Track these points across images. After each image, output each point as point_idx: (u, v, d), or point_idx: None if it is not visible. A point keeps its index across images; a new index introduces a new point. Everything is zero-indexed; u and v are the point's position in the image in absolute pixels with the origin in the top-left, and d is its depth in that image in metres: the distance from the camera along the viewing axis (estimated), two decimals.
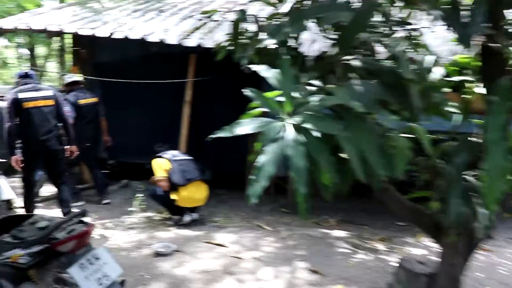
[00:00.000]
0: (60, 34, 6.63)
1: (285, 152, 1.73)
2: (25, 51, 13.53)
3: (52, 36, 7.11)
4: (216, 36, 5.73)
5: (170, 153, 5.11)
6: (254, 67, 2.05)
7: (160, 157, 5.06)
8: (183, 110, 6.39)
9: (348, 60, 1.99)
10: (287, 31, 1.82)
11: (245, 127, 1.75)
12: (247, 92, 1.88)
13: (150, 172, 5.24)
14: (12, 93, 4.68)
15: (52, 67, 14.89)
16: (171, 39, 5.67)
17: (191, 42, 5.65)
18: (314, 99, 1.82)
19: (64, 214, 5.07)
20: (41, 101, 4.67)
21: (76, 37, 7.25)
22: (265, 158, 1.74)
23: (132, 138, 7.10)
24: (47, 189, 6.50)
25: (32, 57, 13.00)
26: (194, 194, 5.01)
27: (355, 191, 2.72)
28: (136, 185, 7.06)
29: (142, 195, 5.67)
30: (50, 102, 4.73)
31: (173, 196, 4.95)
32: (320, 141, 1.76)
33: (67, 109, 5.12)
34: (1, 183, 5.33)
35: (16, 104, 4.54)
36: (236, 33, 3.00)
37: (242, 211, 5.87)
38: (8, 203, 5.53)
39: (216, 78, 6.30)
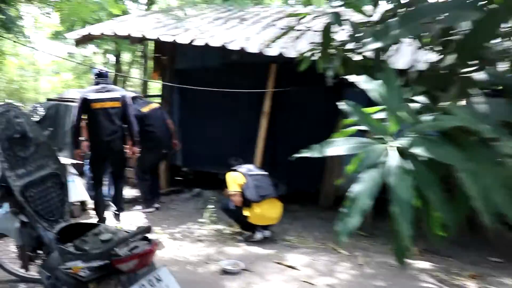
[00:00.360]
0: (142, 40, 6.73)
1: (386, 181, 1.40)
2: (111, 57, 14.23)
3: (135, 42, 7.25)
4: (299, 46, 5.47)
5: (245, 167, 4.91)
6: (352, 78, 1.71)
7: (234, 170, 4.87)
8: (261, 121, 6.19)
9: (468, 72, 1.61)
10: (397, 34, 1.48)
11: (338, 147, 1.44)
12: (342, 105, 1.56)
13: (224, 183, 5.08)
14: (83, 93, 4.89)
15: (135, 73, 15.52)
16: (252, 48, 5.49)
17: (273, 51, 5.43)
18: (426, 118, 1.46)
19: (116, 213, 5.16)
20: (108, 102, 4.78)
21: (158, 43, 7.37)
22: (361, 188, 1.42)
23: (207, 147, 7.03)
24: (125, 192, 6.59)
25: (117, 63, 13.63)
26: (268, 212, 4.75)
27: None
28: (208, 195, 6.95)
29: (214, 206, 5.51)
30: (117, 104, 4.81)
31: (245, 212, 4.72)
32: (431, 170, 1.41)
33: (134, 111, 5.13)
34: (76, 184, 5.43)
35: (85, 103, 4.71)
36: (326, 39, 2.68)
37: (316, 231, 5.51)
38: (82, 204, 5.63)
39: (297, 90, 6.03)
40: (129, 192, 6.93)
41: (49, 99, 8.59)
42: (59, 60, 18.34)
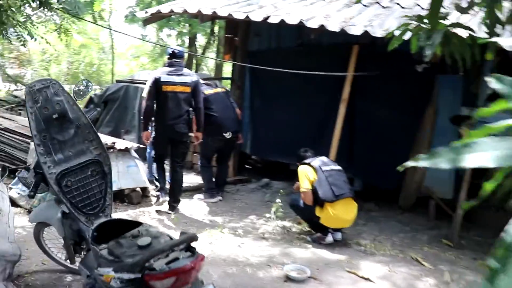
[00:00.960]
0: (213, 18, 6.35)
1: None
2: (186, 40, 14.13)
3: (206, 20, 6.90)
4: (386, 23, 4.76)
5: (319, 161, 4.33)
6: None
7: (307, 164, 4.31)
8: (338, 109, 5.55)
9: None
10: None
11: (483, 154, 0.85)
12: (493, 82, 0.94)
13: (294, 175, 4.58)
14: (155, 73, 4.81)
15: (210, 56, 15.36)
16: (333, 26, 4.86)
17: (356, 29, 4.77)
18: None
19: (172, 205, 4.89)
20: (179, 86, 4.69)
21: (230, 23, 6.94)
22: None
23: (278, 134, 6.53)
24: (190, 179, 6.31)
25: (192, 46, 13.46)
26: (342, 213, 4.16)
27: None
28: (277, 186, 6.48)
29: (281, 201, 5.01)
30: (187, 89, 4.72)
31: (317, 213, 4.17)
32: None
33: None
34: (138, 169, 5.19)
35: (157, 84, 4.63)
36: (435, 7, 2.04)
37: (395, 236, 4.83)
38: (143, 190, 5.38)
39: (380, 75, 5.31)
40: (193, 179, 6.64)
41: (118, 81, 8.53)
42: (137, 44, 18.74)
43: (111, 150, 4.95)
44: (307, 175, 4.20)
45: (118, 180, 4.99)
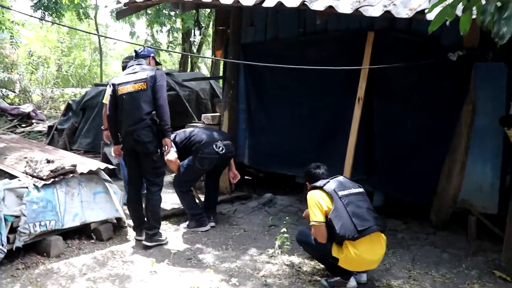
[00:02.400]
0: (198, 6, 5.34)
1: None
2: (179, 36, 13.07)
3: (188, 10, 5.86)
4: (413, 1, 3.72)
5: (335, 182, 3.27)
6: None
7: (319, 188, 3.27)
8: (352, 110, 4.54)
9: None
10: None
11: None
12: None
13: (302, 187, 3.58)
14: (112, 80, 4.16)
15: (208, 55, 14.25)
16: (344, 7, 3.83)
17: (374, 10, 3.73)
18: None
19: (148, 233, 4.00)
20: (132, 85, 3.91)
21: (220, 13, 5.95)
22: None
23: (280, 141, 5.51)
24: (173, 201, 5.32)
25: (185, 43, 12.40)
26: (367, 253, 3.12)
27: None
28: (282, 203, 5.48)
29: (287, 229, 4.00)
30: (143, 86, 3.89)
31: (334, 253, 3.15)
32: None
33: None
34: (107, 196, 4.21)
35: (113, 90, 4.01)
36: None
37: (433, 268, 3.81)
38: (118, 221, 4.40)
39: (403, 67, 4.28)
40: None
41: (97, 84, 7.55)
42: (126, 44, 17.70)
43: (70, 175, 3.95)
44: (319, 203, 3.17)
45: (82, 212, 4.00)
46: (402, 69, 4.40)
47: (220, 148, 4.45)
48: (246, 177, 6.61)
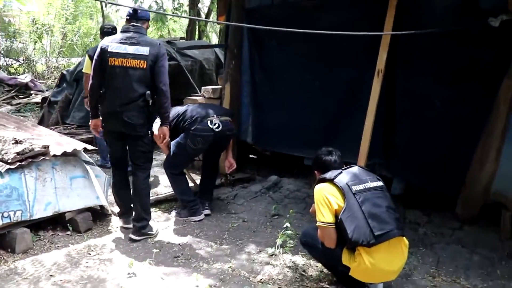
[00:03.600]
0: None
1: None
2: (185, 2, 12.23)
3: None
4: None
5: (348, 174, 2.66)
6: None
7: (329, 181, 2.70)
8: (371, 85, 3.90)
9: None
10: None
11: None
12: None
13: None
14: (104, 41, 3.45)
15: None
16: None
17: None
18: None
19: (135, 226, 3.58)
20: (131, 60, 3.32)
21: None
22: None
23: (288, 118, 4.91)
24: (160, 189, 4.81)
25: (192, 8, 11.55)
26: (384, 263, 2.54)
27: None
28: (289, 187, 4.91)
29: (291, 224, 3.44)
30: (142, 64, 3.33)
31: (345, 260, 2.58)
32: None
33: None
34: (90, 179, 3.70)
35: (103, 56, 3.37)
36: None
37: (461, 273, 3.24)
38: (102, 208, 3.90)
39: (433, 34, 3.60)
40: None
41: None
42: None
43: (41, 158, 3.42)
44: (328, 200, 2.58)
45: (56, 200, 3.49)
46: (431, 37, 3.73)
47: (216, 125, 3.89)
48: (250, 155, 6.06)
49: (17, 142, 3.44)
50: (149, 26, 3.85)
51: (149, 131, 3.53)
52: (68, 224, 3.60)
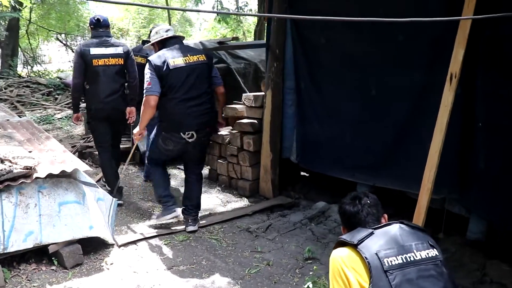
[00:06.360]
0: None
1: None
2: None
3: None
4: None
5: (381, 237, 1.67)
6: None
7: (351, 246, 1.74)
8: (442, 92, 2.91)
9: None
10: None
11: None
12: None
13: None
14: (81, 47, 4.15)
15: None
16: None
17: None
18: None
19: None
20: (111, 59, 4.11)
21: None
22: None
23: (336, 134, 4.01)
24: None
25: (260, 8, 10.79)
26: None
27: None
28: (338, 217, 3.94)
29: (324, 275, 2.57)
30: (120, 61, 4.16)
31: None
32: None
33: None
34: (86, 205, 3.13)
35: (85, 59, 4.04)
36: None
37: None
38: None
39: None
40: (212, 200, 4.45)
41: None
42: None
43: (20, 181, 2.89)
44: (345, 276, 1.67)
45: (39, 229, 2.94)
46: None
47: (189, 135, 3.54)
48: (302, 173, 5.18)
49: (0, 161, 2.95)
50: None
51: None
52: (53, 258, 3.04)
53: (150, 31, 5.07)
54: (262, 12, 10.75)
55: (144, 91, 3.43)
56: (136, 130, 3.67)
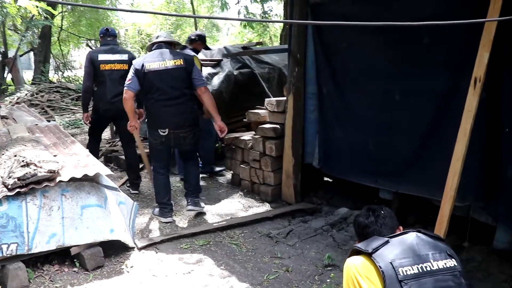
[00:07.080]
0: None
1: None
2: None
3: None
4: None
5: (396, 246, 1.66)
6: None
7: (366, 255, 1.72)
8: (466, 96, 2.83)
9: None
10: None
11: None
12: None
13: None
14: (91, 53, 4.73)
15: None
16: None
17: None
18: None
19: (132, 182, 4.88)
20: (117, 65, 4.59)
21: None
22: None
23: (358, 140, 3.96)
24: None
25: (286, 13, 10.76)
26: None
27: None
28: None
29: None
30: (125, 67, 4.57)
31: None
32: None
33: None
34: (107, 209, 3.15)
35: (94, 64, 4.54)
36: None
37: None
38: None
39: None
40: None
41: None
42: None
43: (44, 184, 2.96)
44: (359, 285, 1.65)
45: (62, 231, 3.01)
46: None
47: (165, 132, 3.87)
48: (325, 178, 5.13)
49: (25, 164, 3.03)
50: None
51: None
52: (75, 260, 3.10)
53: (189, 38, 5.33)
54: (287, 17, 10.74)
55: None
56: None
